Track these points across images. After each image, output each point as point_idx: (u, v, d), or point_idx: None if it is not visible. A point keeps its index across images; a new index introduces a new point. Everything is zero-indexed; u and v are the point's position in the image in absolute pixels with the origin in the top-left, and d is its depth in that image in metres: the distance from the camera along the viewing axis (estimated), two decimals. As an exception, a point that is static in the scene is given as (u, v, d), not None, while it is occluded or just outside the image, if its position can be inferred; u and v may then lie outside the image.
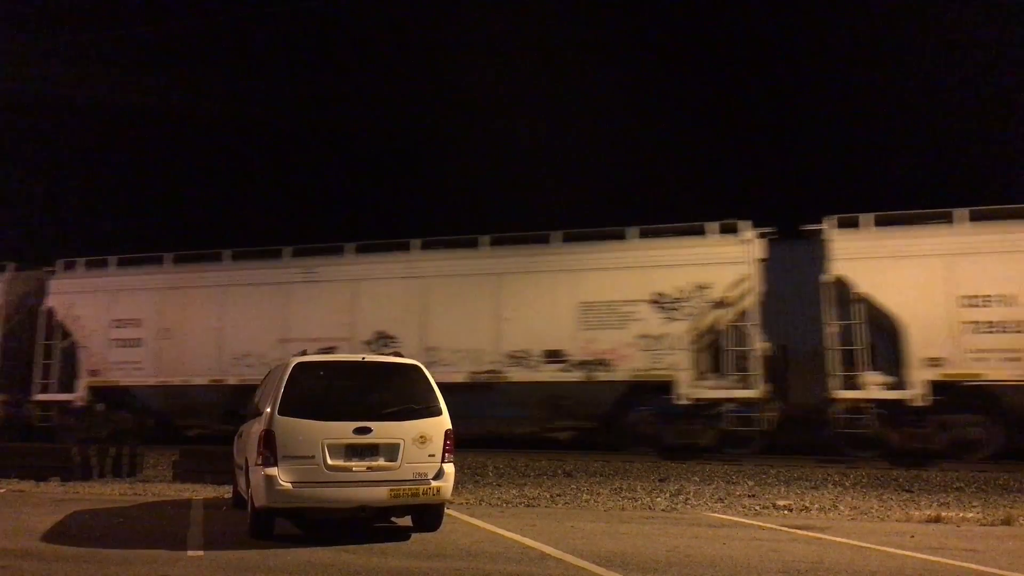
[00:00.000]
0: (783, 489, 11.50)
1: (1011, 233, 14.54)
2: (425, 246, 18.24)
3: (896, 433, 14.73)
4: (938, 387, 14.45)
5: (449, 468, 7.69)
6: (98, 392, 19.71)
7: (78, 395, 19.63)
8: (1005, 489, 11.49)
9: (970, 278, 14.51)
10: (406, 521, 8.09)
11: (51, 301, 20.24)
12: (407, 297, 17.74)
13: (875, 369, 15.13)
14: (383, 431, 7.50)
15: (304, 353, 8.43)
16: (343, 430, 7.41)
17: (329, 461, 7.31)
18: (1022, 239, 14.46)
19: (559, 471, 13.57)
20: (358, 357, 8.64)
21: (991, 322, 14.37)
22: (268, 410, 7.52)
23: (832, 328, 15.32)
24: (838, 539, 7.67)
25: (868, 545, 7.33)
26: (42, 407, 20.04)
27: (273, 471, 7.21)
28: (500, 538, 7.66)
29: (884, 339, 15.27)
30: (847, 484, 11.99)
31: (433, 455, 7.61)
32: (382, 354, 11.12)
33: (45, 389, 20.08)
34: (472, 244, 17.92)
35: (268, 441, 7.30)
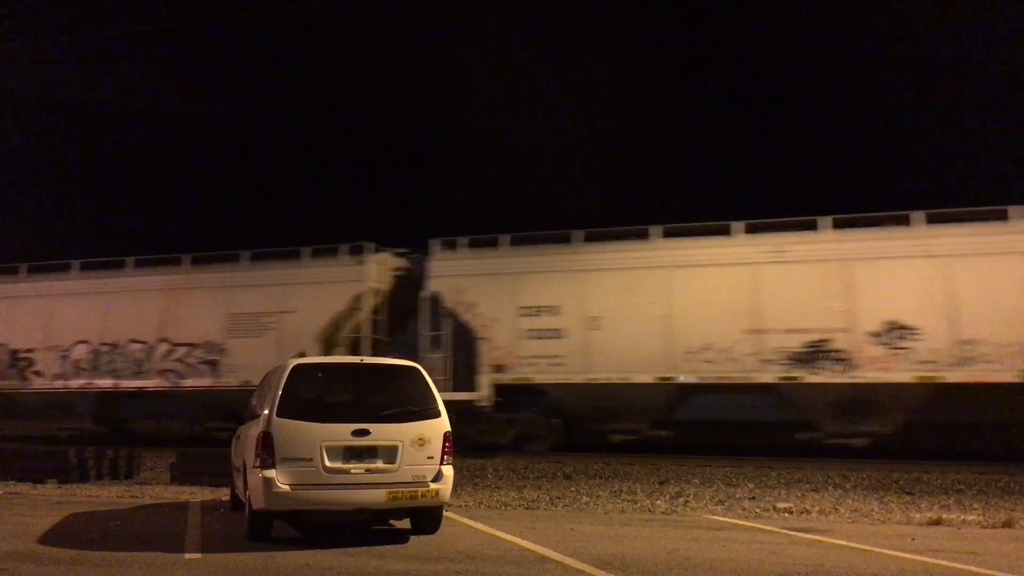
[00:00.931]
0: (783, 492, 11.47)
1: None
2: (934, 220, 15.43)
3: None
4: (502, 389, 16.80)
5: (448, 470, 7.66)
6: (503, 391, 17.17)
7: (481, 394, 17.06)
8: (1006, 491, 11.46)
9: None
10: (405, 524, 8.05)
11: (435, 285, 17.91)
12: (923, 281, 15.01)
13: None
14: (381, 433, 7.46)
15: (302, 355, 8.40)
16: (341, 432, 7.37)
17: (327, 463, 7.27)
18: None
19: (559, 473, 13.53)
20: (356, 359, 8.61)
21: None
22: (266, 412, 7.48)
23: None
24: (839, 542, 7.64)
25: (869, 548, 7.30)
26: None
27: (271, 473, 7.17)
28: (499, 541, 7.63)
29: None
30: (848, 487, 11.96)
31: (432, 457, 7.58)
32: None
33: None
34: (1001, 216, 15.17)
35: (266, 443, 7.26)
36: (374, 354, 16.73)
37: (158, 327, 19.17)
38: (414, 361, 8.43)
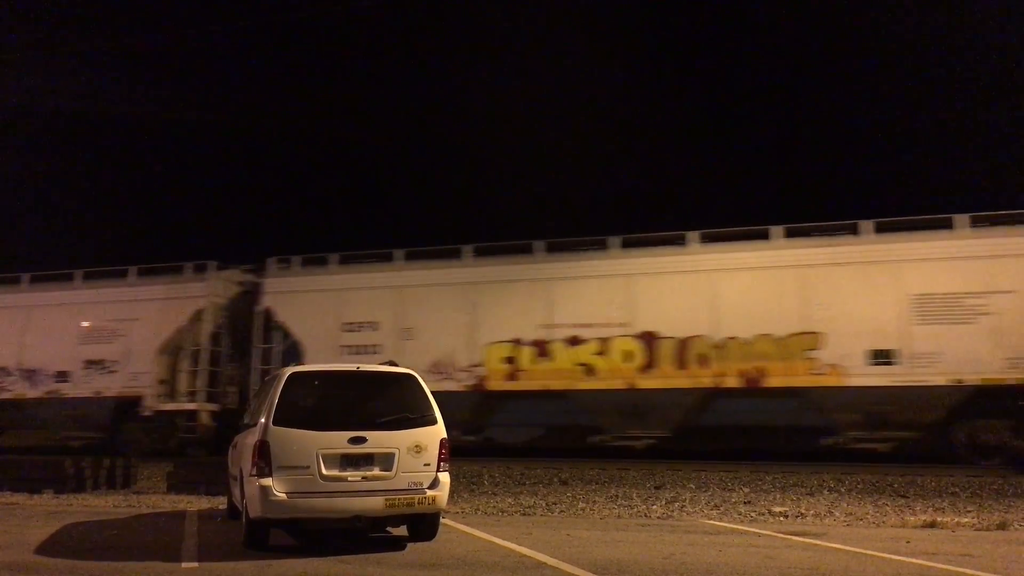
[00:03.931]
0: (779, 495, 11.51)
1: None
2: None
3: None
4: None
5: (444, 477, 7.68)
6: None
7: None
8: (1000, 494, 11.51)
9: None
10: (402, 531, 8.07)
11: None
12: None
13: None
14: (378, 440, 7.49)
15: (298, 363, 8.41)
16: (338, 440, 7.39)
17: (324, 471, 7.29)
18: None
19: (555, 479, 13.56)
20: (352, 366, 8.63)
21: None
22: (262, 420, 7.49)
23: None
24: (834, 545, 7.68)
25: (864, 551, 7.33)
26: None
27: (268, 481, 7.18)
28: (496, 547, 7.65)
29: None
30: (842, 490, 12.00)
31: (428, 464, 7.60)
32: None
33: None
34: None
35: (263, 451, 7.28)
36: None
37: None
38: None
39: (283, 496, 7.17)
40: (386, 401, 7.95)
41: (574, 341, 16.57)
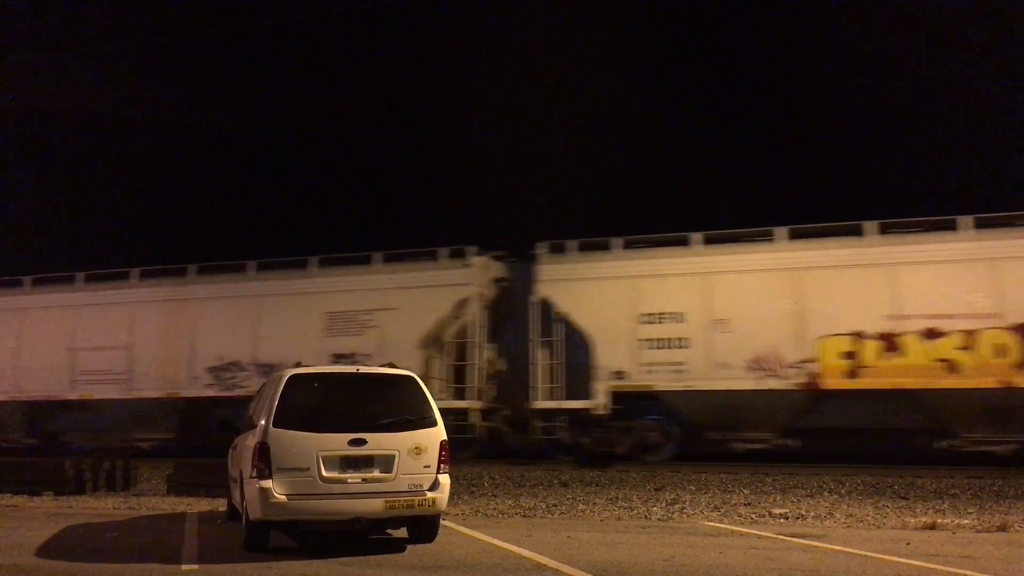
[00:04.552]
0: (779, 497, 11.51)
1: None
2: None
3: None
4: (619, 396, 16.15)
5: (444, 479, 7.68)
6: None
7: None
8: (1000, 495, 11.51)
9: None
10: (402, 533, 8.06)
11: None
12: None
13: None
14: (378, 442, 7.48)
15: (298, 365, 8.40)
16: (338, 442, 7.39)
17: (324, 473, 7.29)
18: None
19: (555, 481, 13.56)
20: (352, 369, 8.63)
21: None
22: (262, 422, 7.49)
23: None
24: (834, 547, 7.68)
25: (864, 552, 7.33)
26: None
27: (268, 483, 7.18)
28: (496, 549, 7.64)
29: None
30: (842, 492, 12.00)
31: (428, 466, 7.59)
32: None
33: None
34: None
35: (262, 453, 7.28)
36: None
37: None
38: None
39: (283, 498, 7.16)
40: (386, 403, 7.95)
41: (931, 334, 14.80)
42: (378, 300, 17.93)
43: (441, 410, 8.03)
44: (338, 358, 17.66)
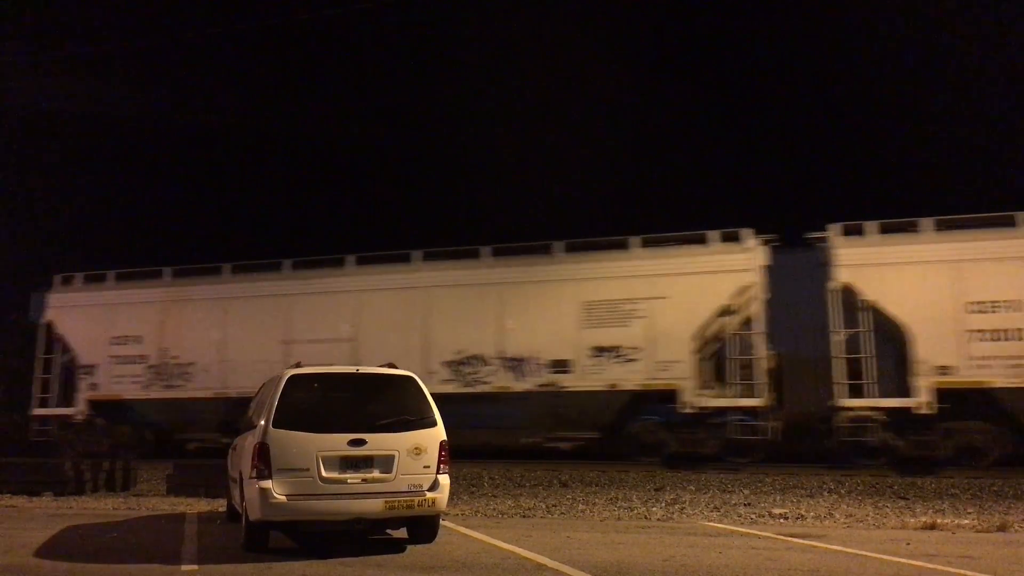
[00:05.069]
0: (779, 497, 11.51)
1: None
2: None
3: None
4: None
5: (444, 479, 7.67)
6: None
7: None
8: (1000, 495, 11.52)
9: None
10: (401, 533, 8.06)
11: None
12: None
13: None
14: (377, 443, 7.48)
15: (298, 366, 8.40)
16: (337, 442, 7.39)
17: (324, 473, 7.29)
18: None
19: (555, 481, 13.55)
20: (352, 369, 8.62)
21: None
22: (262, 423, 7.49)
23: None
24: (834, 547, 7.67)
25: (864, 552, 7.33)
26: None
27: (267, 484, 7.18)
28: (496, 549, 7.64)
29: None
30: (843, 492, 12.00)
31: (428, 466, 7.59)
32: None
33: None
34: None
35: (262, 454, 7.27)
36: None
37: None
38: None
39: (283, 498, 7.16)
40: (386, 403, 7.95)
41: None
42: (641, 288, 16.51)
43: (722, 409, 7.34)
44: (600, 352, 16.57)
